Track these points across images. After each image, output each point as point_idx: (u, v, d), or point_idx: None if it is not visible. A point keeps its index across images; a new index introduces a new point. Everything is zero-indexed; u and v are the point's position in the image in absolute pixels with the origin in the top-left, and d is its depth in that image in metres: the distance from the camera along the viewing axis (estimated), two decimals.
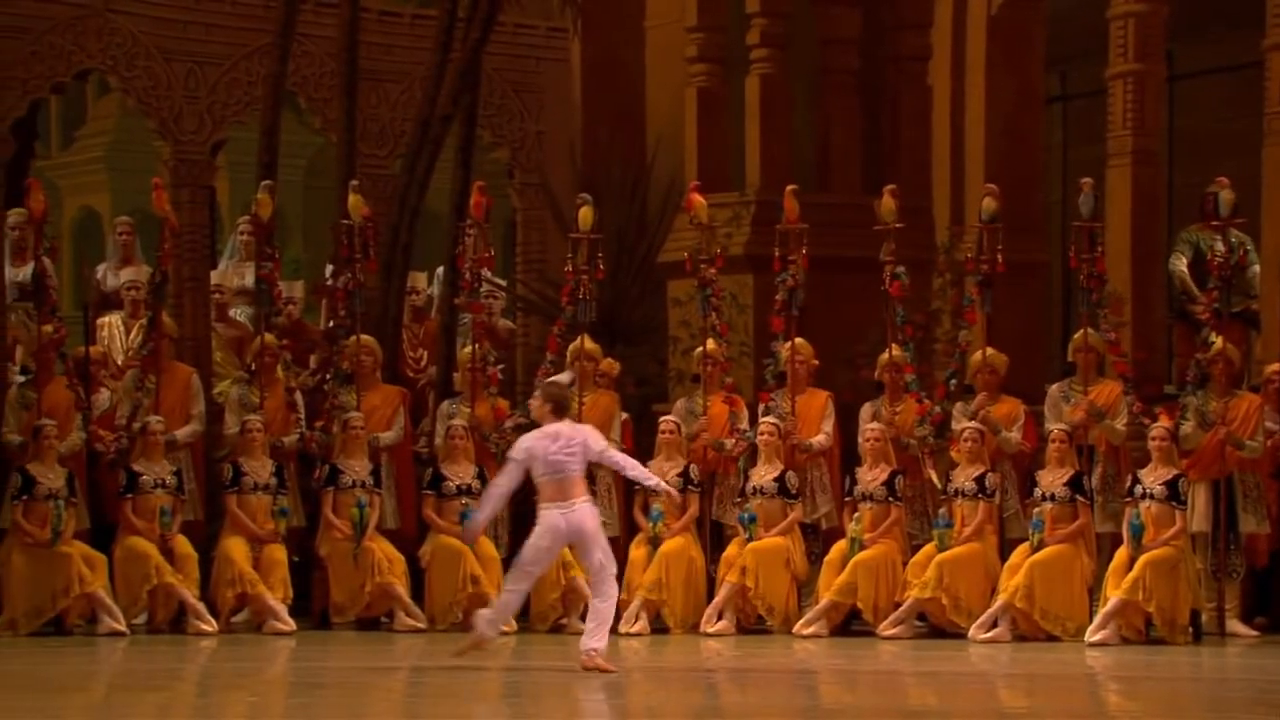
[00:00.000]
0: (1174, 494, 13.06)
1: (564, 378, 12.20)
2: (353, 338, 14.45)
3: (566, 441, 11.12)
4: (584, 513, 11.15)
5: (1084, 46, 16.77)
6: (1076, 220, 13.96)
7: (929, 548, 13.43)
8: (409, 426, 14.54)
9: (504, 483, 11.52)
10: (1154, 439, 13.28)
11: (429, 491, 13.95)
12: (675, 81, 17.18)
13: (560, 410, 11.27)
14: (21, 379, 14.35)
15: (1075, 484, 13.29)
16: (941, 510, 13.49)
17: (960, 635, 13.17)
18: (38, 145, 17.78)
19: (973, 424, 13.66)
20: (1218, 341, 13.68)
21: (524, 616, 13.74)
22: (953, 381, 14.08)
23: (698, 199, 14.48)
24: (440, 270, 16.05)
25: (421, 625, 13.65)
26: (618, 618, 13.61)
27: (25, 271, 14.95)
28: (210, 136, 16.21)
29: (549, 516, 11.15)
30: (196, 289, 15.72)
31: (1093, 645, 12.81)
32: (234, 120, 16.33)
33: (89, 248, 19.39)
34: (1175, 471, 13.17)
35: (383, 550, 13.78)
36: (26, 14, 15.43)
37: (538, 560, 11.38)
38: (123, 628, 13.23)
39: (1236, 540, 13.51)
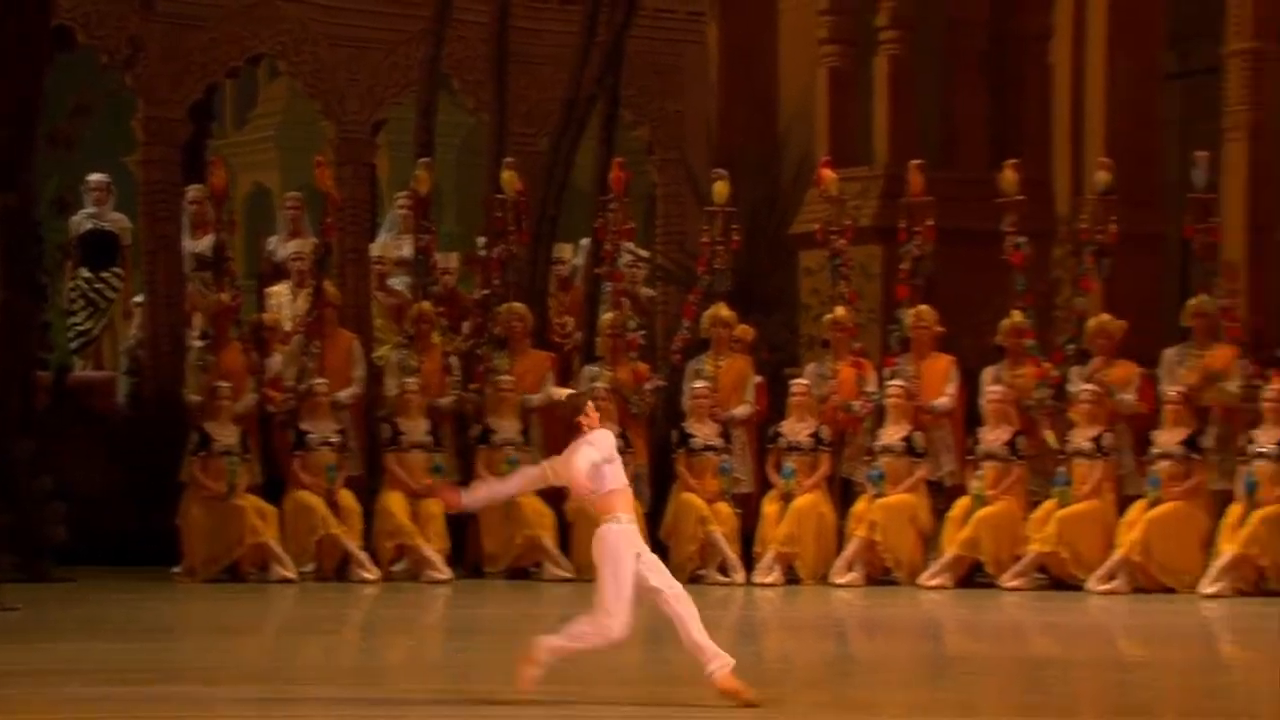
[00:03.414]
0: None
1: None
2: (505, 305, 14.49)
3: None
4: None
5: (1202, 24, 16.45)
6: (1192, 192, 13.74)
7: (1049, 504, 13.29)
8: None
9: None
10: (1268, 400, 13.05)
11: None
12: (807, 62, 17.06)
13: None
14: (200, 343, 14.52)
15: (1190, 443, 13.09)
16: (1060, 469, 13.34)
17: (1078, 587, 13.02)
18: (214, 126, 17.96)
19: (1090, 386, 13.49)
20: None
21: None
22: (1070, 346, 13.91)
23: (828, 173, 14.39)
24: (584, 242, 16.05)
25: (568, 575, 13.68)
26: (751, 568, 13.61)
27: (204, 243, 15.11)
28: (371, 117, 16.29)
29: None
30: (358, 260, 15.82)
31: (1207, 597, 12.62)
32: (393, 101, 16.40)
33: (261, 221, 19.56)
34: None
35: (532, 505, 13.81)
36: (204, 3, 15.58)
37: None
38: (292, 575, 13.37)
39: None
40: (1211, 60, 16.23)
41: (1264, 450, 12.84)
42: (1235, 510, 12.85)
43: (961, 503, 13.50)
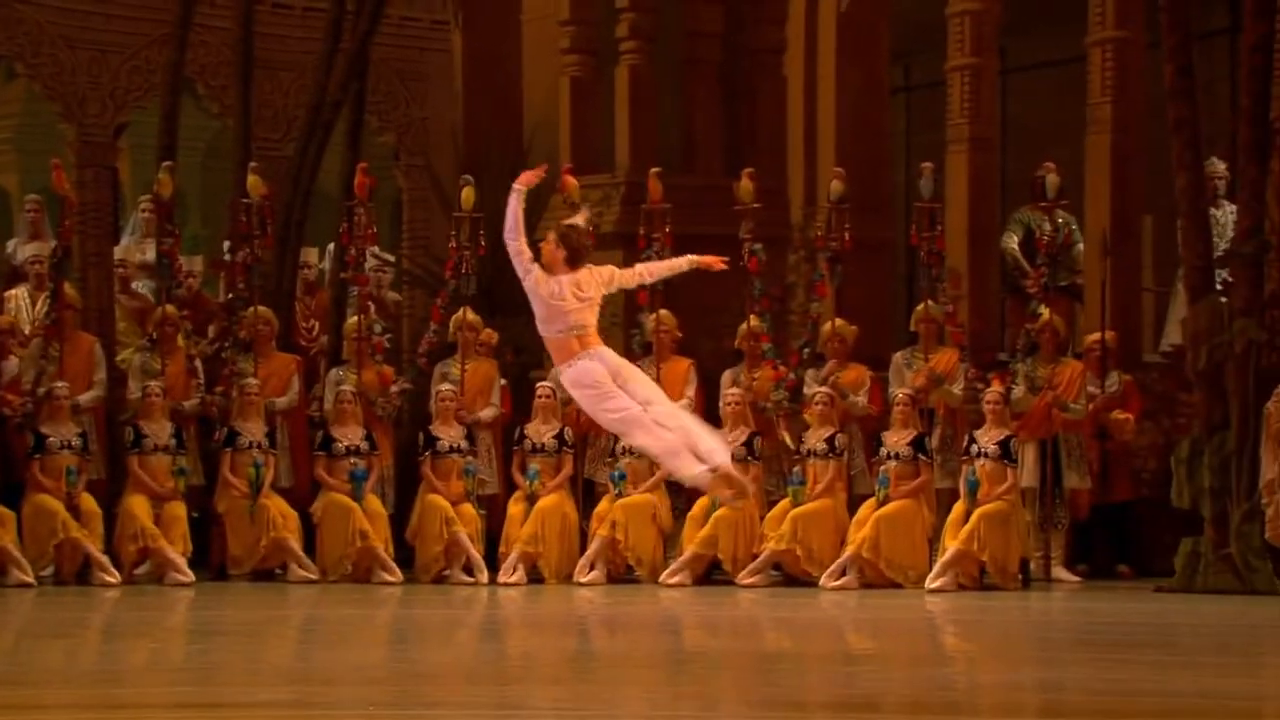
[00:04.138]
0: (1006, 453, 13.22)
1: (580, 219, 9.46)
2: (250, 309, 14.33)
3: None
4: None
5: (925, 41, 16.88)
6: (918, 201, 14.10)
7: (784, 503, 13.52)
8: (303, 392, 14.45)
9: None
10: (988, 402, 13.43)
11: (320, 452, 13.86)
12: (550, 71, 17.13)
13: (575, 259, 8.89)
14: None
15: (918, 444, 13.42)
16: (795, 469, 13.58)
17: (812, 584, 13.26)
18: None
19: (823, 389, 13.75)
20: (1045, 313, 13.89)
21: (409, 567, 13.71)
22: (806, 350, 14.17)
23: (570, 180, 14.46)
24: (330, 246, 15.94)
25: (313, 576, 13.57)
26: (496, 568, 13.64)
27: None
28: (113, 120, 16.00)
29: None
30: (100, 263, 15.52)
31: (932, 592, 12.95)
32: (135, 105, 16.12)
33: None
34: (1007, 432, 13.33)
35: (277, 507, 13.69)
36: None
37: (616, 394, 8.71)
38: (30, 580, 13.05)
39: (1061, 495, 13.71)
40: (934, 75, 16.66)
41: (985, 450, 13.22)
42: (958, 508, 13.20)
43: (701, 502, 13.66)
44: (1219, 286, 13.29)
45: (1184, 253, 13.32)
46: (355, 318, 14.44)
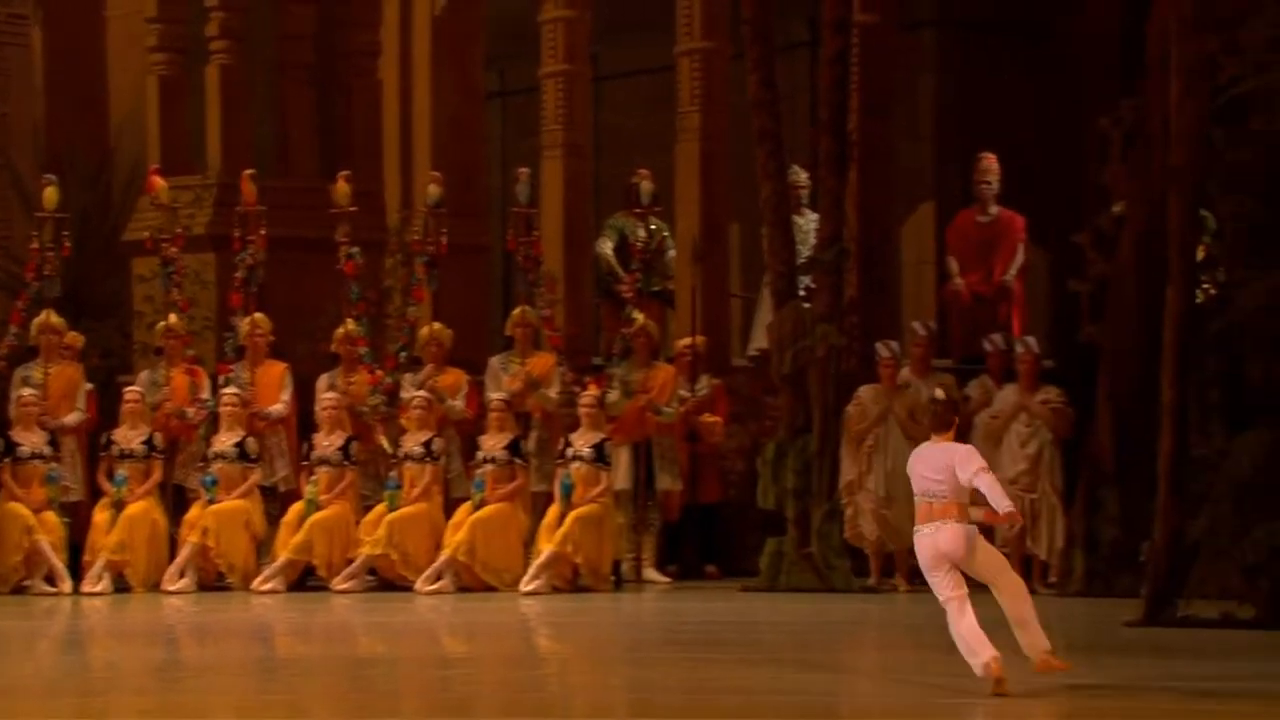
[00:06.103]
0: (600, 456, 13.47)
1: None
2: None
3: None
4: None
5: (520, 47, 17.06)
6: (515, 206, 14.26)
7: (380, 507, 13.52)
8: None
9: None
10: (583, 406, 13.67)
11: None
12: (137, 69, 16.75)
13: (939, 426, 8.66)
14: None
15: (514, 448, 13.58)
16: (392, 473, 13.60)
17: (408, 588, 13.29)
18: None
19: (421, 393, 13.80)
20: (639, 318, 14.20)
21: None
22: (403, 354, 14.21)
23: (158, 181, 14.24)
24: None
25: None
26: (80, 578, 13.28)
27: None
28: None
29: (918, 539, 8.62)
30: None
31: (527, 595, 13.11)
32: None
33: None
34: (602, 435, 13.58)
35: None
36: None
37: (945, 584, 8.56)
38: None
39: (653, 496, 14.03)
40: (529, 81, 16.85)
41: (580, 454, 13.44)
42: (553, 511, 13.39)
43: (295, 507, 13.58)
44: (802, 293, 13.79)
45: (769, 260, 13.78)
46: None
